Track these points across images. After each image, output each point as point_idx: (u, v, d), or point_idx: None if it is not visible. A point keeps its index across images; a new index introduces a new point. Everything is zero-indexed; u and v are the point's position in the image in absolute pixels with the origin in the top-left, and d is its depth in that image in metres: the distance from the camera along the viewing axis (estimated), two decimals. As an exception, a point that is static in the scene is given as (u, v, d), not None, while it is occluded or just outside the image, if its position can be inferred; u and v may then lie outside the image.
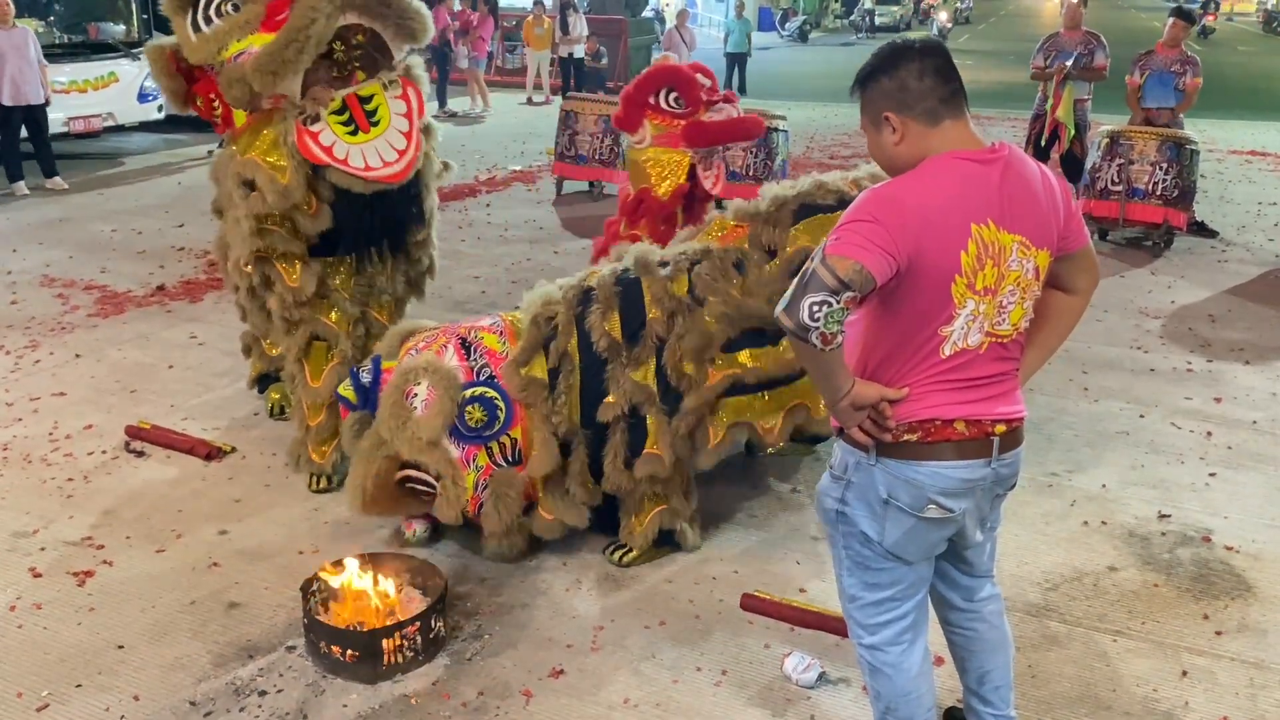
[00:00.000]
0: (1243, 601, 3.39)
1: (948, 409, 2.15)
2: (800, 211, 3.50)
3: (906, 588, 2.33)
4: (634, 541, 3.52)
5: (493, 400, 3.30)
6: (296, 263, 3.76)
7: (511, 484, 3.34)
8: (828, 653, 3.07)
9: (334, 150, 3.63)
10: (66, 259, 7.20)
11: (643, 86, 4.38)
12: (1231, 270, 7.44)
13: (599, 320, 3.35)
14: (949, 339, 2.11)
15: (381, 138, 3.71)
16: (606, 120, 9.12)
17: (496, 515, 3.33)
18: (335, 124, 3.63)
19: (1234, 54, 29.09)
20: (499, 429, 3.32)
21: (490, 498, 3.32)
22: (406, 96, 3.79)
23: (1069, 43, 8.53)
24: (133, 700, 2.85)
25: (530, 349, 3.34)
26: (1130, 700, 2.92)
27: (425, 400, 3.21)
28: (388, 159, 3.71)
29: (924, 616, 2.40)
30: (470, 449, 3.30)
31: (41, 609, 3.25)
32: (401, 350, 3.45)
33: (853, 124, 14.41)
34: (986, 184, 2.07)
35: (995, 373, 2.19)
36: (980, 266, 2.06)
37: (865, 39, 35.18)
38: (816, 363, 2.09)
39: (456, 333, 3.44)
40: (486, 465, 3.32)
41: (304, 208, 3.68)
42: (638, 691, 2.92)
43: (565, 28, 16.30)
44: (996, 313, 2.12)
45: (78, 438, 4.44)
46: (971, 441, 2.18)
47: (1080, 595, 3.42)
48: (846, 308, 1.97)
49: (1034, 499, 4.04)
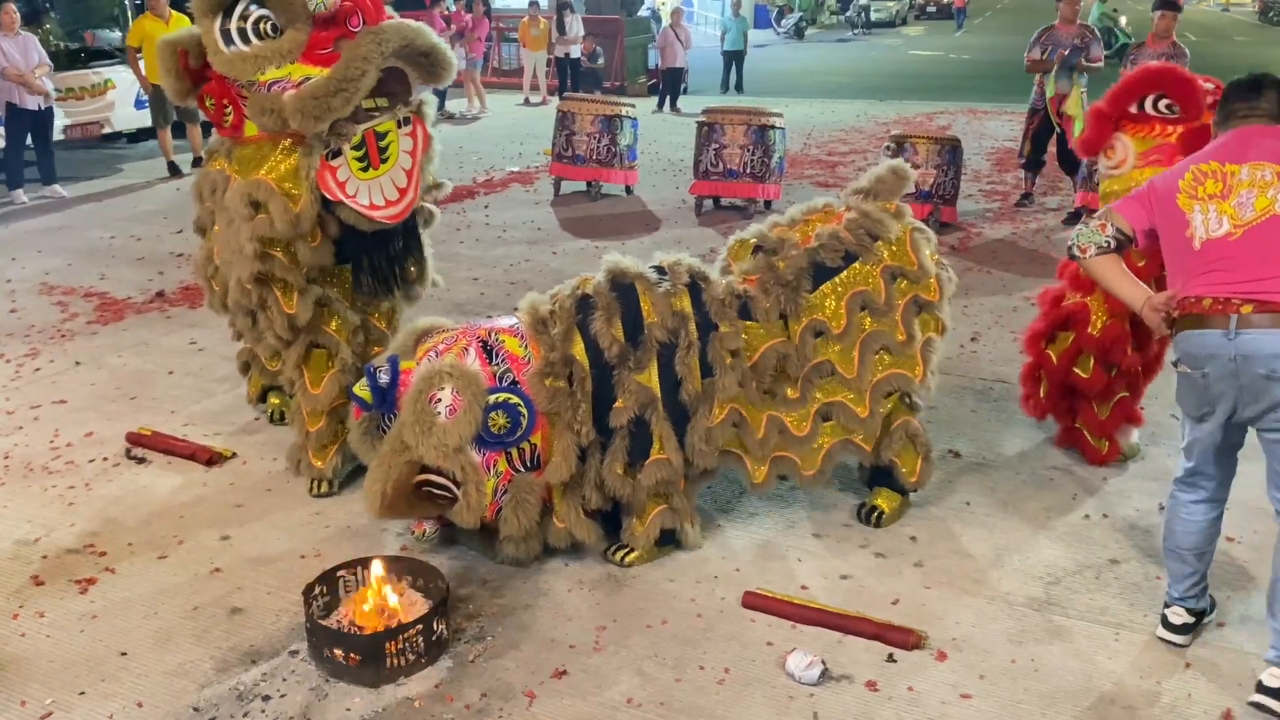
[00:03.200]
0: (1245, 593, 3.39)
1: (1197, 289, 2.81)
2: (817, 276, 3.54)
3: (1193, 443, 3.00)
4: (636, 542, 3.52)
5: (516, 407, 3.28)
6: (294, 290, 3.75)
7: (531, 490, 3.33)
8: (830, 650, 3.07)
9: (346, 187, 3.65)
10: (65, 266, 7.20)
11: (1121, 97, 3.91)
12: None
13: (604, 326, 3.34)
14: (1194, 236, 2.84)
15: (387, 175, 3.73)
16: (603, 120, 9.13)
17: (516, 520, 3.32)
18: (352, 159, 3.65)
19: (1231, 44, 29.06)
20: (520, 435, 3.31)
21: (510, 503, 3.32)
22: (415, 134, 3.80)
23: (1064, 36, 8.52)
24: (136, 707, 2.85)
25: (550, 363, 3.32)
26: (1133, 693, 2.92)
27: (450, 406, 3.16)
28: (390, 198, 3.75)
29: (1210, 480, 3.03)
30: (491, 455, 3.29)
31: (44, 617, 3.26)
32: (419, 351, 3.42)
33: (849, 120, 14.49)
34: (1216, 145, 2.96)
35: (1256, 256, 2.75)
36: (1199, 182, 2.86)
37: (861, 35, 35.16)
38: (1090, 271, 3.08)
39: (477, 335, 3.40)
40: (506, 471, 3.32)
41: (308, 239, 3.69)
42: (641, 691, 2.92)
43: (562, 28, 16.28)
44: (1236, 209, 2.79)
45: (79, 445, 4.44)
46: (1211, 316, 2.78)
47: (1082, 588, 3.42)
48: (1097, 230, 2.97)
49: (1035, 492, 4.04)
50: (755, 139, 8.64)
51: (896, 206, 3.69)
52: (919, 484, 3.80)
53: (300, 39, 3.56)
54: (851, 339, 3.55)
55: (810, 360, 3.54)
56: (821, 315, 3.53)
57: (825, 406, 3.58)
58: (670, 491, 3.50)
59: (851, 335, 3.55)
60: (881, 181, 3.72)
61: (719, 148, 8.73)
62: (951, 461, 4.28)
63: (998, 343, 5.72)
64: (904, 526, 3.79)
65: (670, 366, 3.41)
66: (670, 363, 3.41)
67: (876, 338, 3.57)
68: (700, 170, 8.92)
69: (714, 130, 8.80)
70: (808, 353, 3.53)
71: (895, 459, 3.72)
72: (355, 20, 3.58)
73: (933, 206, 8.09)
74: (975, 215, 8.85)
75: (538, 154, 11.36)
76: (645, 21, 21.27)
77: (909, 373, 3.62)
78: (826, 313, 3.54)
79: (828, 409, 3.59)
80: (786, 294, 3.50)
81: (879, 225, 3.60)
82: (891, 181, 3.72)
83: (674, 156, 11.51)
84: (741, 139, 8.65)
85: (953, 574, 3.49)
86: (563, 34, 16.32)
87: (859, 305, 3.55)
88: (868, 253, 3.57)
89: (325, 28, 3.57)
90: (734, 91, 18.22)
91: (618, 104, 9.53)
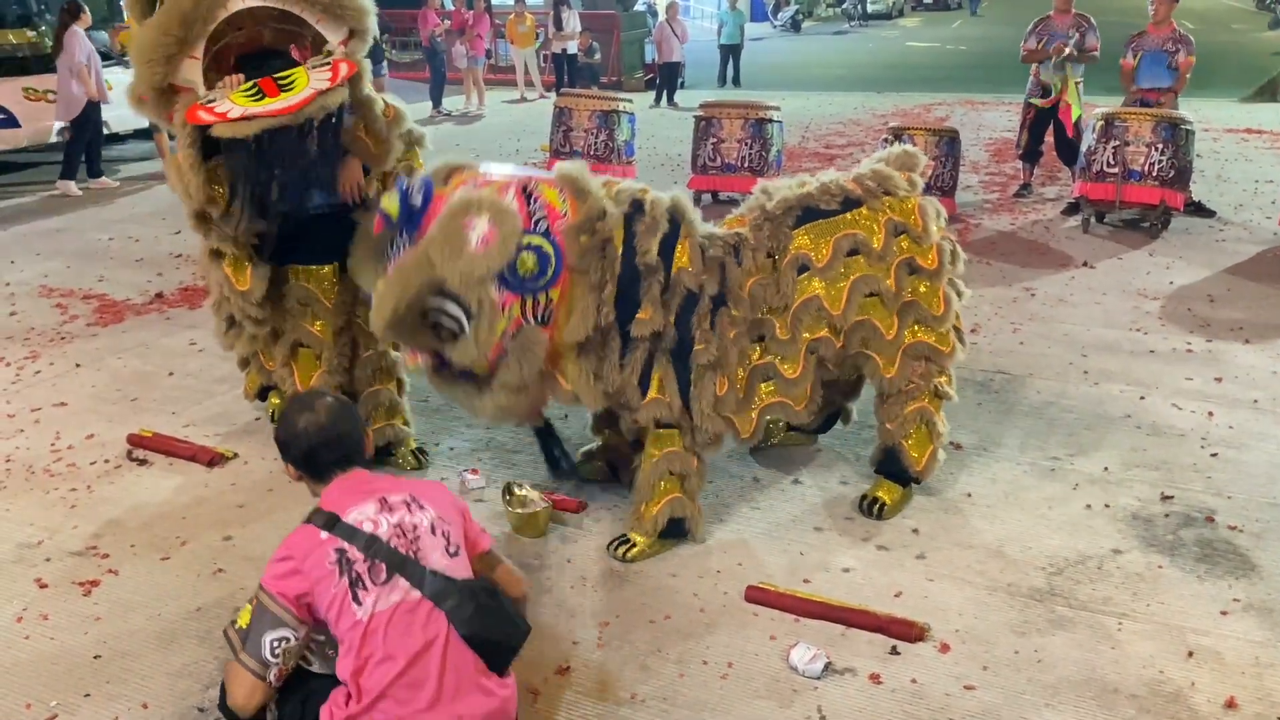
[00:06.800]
0: (1247, 581, 3.40)
1: None
2: (804, 215, 3.54)
3: None
4: (642, 528, 3.53)
5: (546, 254, 3.21)
6: (245, 266, 3.70)
7: (539, 341, 3.26)
8: (833, 643, 3.08)
9: (229, 115, 3.36)
10: (64, 269, 7.20)
11: None
12: (1229, 249, 7.43)
13: (646, 235, 3.34)
14: None
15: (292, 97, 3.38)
16: (601, 116, 9.12)
17: (518, 368, 3.24)
18: (237, 95, 3.40)
19: (1228, 32, 29.01)
20: (544, 283, 3.22)
21: (516, 349, 3.22)
22: (336, 67, 3.49)
23: (1060, 25, 8.51)
24: (141, 708, 2.86)
25: (590, 219, 3.27)
26: (1137, 682, 2.92)
27: (484, 236, 3.06)
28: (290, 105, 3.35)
29: None
30: (509, 296, 3.19)
31: (48, 619, 3.26)
32: (453, 181, 3.33)
33: (847, 113, 14.47)
34: None
35: None
36: None
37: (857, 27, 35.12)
38: None
39: (518, 178, 3.32)
40: (517, 317, 3.22)
41: (217, 201, 3.53)
42: (644, 686, 2.93)
43: (559, 23, 16.26)
44: None
45: (80, 448, 4.44)
46: None
47: (1084, 579, 3.42)
48: None
49: (1036, 483, 4.04)
50: (753, 133, 8.63)
51: (911, 178, 3.71)
52: (923, 474, 3.80)
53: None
54: (837, 274, 3.53)
55: (793, 296, 3.52)
56: (807, 250, 3.52)
57: (814, 343, 3.57)
58: (686, 473, 3.51)
59: (837, 271, 3.53)
60: (895, 159, 3.75)
61: (716, 142, 8.73)
62: (953, 453, 4.28)
63: (998, 334, 5.72)
64: (906, 519, 3.79)
65: (686, 318, 3.41)
66: (687, 314, 3.41)
67: (867, 282, 3.56)
68: (698, 165, 8.92)
69: (711, 124, 8.79)
70: (788, 288, 3.52)
71: (905, 442, 3.73)
72: None
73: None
74: (974, 206, 8.85)
75: (535, 150, 11.35)
76: (642, 16, 21.26)
77: (882, 325, 3.59)
78: (811, 249, 3.53)
79: (815, 345, 3.58)
80: (771, 228, 3.51)
81: (890, 181, 3.62)
82: (904, 159, 3.76)
83: (671, 151, 11.50)
84: (739, 133, 8.65)
85: (955, 566, 3.50)
86: (560, 29, 16.30)
87: (849, 247, 3.54)
88: (874, 201, 3.58)
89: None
90: (731, 85, 18.21)
91: (615, 99, 9.52)
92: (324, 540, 2.34)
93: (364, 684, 2.27)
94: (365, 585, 2.30)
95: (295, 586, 2.30)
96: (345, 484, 2.49)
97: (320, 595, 2.30)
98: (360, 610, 2.28)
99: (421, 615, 2.32)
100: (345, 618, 2.29)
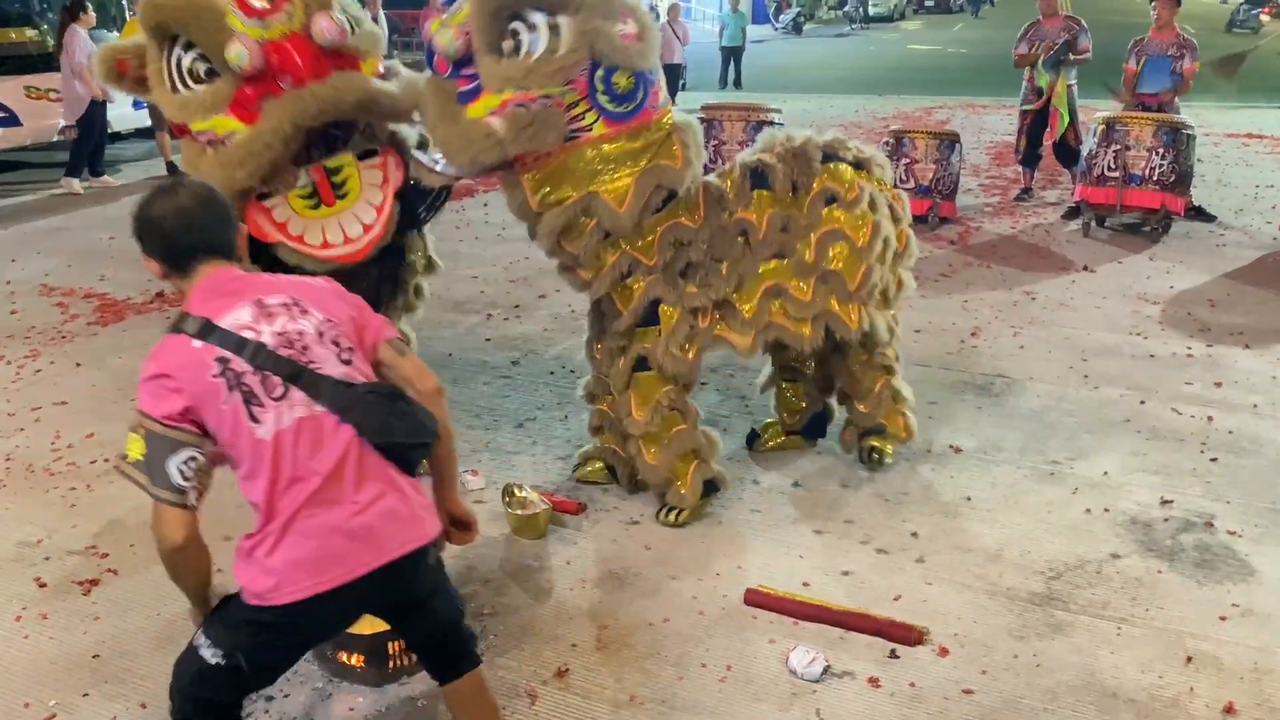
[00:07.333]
0: (1246, 586, 3.40)
1: None
2: (825, 157, 3.68)
3: None
4: (684, 502, 3.72)
5: (638, 93, 3.23)
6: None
7: (555, 129, 3.19)
8: (832, 646, 3.08)
9: (288, 227, 3.45)
10: (65, 268, 7.20)
11: None
12: (1230, 254, 7.44)
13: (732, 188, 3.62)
14: None
15: (349, 210, 3.50)
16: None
17: (515, 124, 3.13)
18: (294, 198, 3.45)
19: (1229, 36, 29.01)
20: (616, 110, 3.21)
21: (535, 113, 3.12)
22: (385, 165, 3.57)
23: (1050, 30, 8.51)
24: (140, 709, 2.86)
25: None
26: (1135, 687, 2.92)
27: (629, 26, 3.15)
28: (350, 234, 3.50)
29: None
30: (580, 82, 3.13)
31: (47, 619, 3.26)
32: None
33: (848, 115, 14.48)
34: None
35: None
36: None
37: (859, 29, 35.14)
38: None
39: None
40: (565, 102, 3.15)
41: None
42: (643, 689, 2.93)
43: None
44: None
45: (80, 446, 4.44)
46: None
47: (1083, 583, 3.42)
48: None
49: (1036, 487, 4.05)
50: (754, 135, 8.56)
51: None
52: (910, 437, 4.10)
53: (225, 92, 3.34)
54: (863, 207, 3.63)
55: (819, 226, 3.59)
56: (834, 184, 3.61)
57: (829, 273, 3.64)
58: (696, 445, 3.68)
59: (863, 203, 3.63)
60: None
61: (717, 144, 8.71)
62: (952, 456, 4.29)
63: (998, 337, 5.72)
64: (905, 522, 3.79)
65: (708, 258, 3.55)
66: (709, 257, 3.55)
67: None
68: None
69: (713, 127, 8.78)
70: (816, 220, 3.59)
71: (884, 421, 4.04)
72: (285, 78, 3.31)
73: (932, 201, 8.09)
74: (974, 210, 8.85)
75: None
76: (643, 18, 21.24)
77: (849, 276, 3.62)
78: (839, 182, 3.62)
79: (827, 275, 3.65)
80: (799, 163, 3.62)
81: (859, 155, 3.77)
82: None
83: (673, 153, 11.47)
84: (740, 135, 8.63)
85: (954, 569, 3.50)
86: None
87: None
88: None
89: (253, 83, 3.32)
90: (732, 87, 18.21)
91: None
92: (199, 349, 2.08)
93: (278, 505, 2.16)
94: (260, 402, 2.09)
95: (178, 404, 2.07)
96: (214, 281, 2.17)
97: (207, 411, 2.08)
98: (261, 429, 2.10)
99: (328, 429, 2.13)
100: (243, 437, 2.11)
